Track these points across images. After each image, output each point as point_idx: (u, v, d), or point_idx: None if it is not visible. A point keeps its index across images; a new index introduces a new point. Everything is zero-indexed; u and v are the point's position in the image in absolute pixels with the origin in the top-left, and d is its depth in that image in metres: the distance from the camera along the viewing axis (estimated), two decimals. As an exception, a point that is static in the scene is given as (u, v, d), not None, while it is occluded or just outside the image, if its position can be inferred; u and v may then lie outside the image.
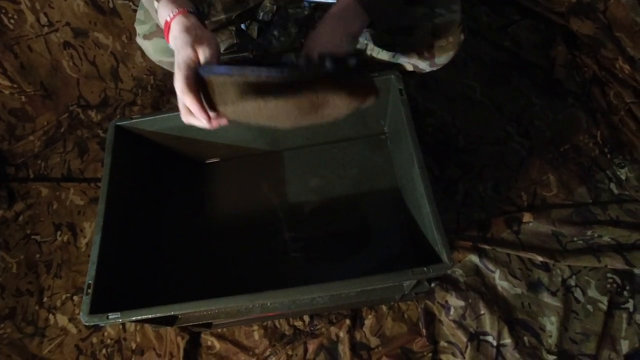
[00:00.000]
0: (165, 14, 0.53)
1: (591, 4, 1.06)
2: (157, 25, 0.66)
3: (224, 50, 0.74)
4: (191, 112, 0.50)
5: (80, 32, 1.10)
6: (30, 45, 1.08)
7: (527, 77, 1.09)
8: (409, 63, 0.70)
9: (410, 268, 0.54)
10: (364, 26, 0.57)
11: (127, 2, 1.08)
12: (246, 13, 0.76)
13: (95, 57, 1.14)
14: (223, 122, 0.53)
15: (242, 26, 1.07)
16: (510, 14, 1.18)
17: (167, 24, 0.52)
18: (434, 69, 0.70)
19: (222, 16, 0.71)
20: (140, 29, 0.68)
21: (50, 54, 1.11)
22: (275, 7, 1.29)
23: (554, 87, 1.06)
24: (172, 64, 0.68)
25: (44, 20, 1.06)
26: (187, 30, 0.51)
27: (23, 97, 1.13)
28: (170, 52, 0.63)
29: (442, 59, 0.68)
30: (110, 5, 1.08)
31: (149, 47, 0.69)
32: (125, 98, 1.20)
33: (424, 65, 0.70)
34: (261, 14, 1.29)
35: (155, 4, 0.54)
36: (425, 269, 0.54)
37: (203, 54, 0.50)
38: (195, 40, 0.50)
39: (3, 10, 1.01)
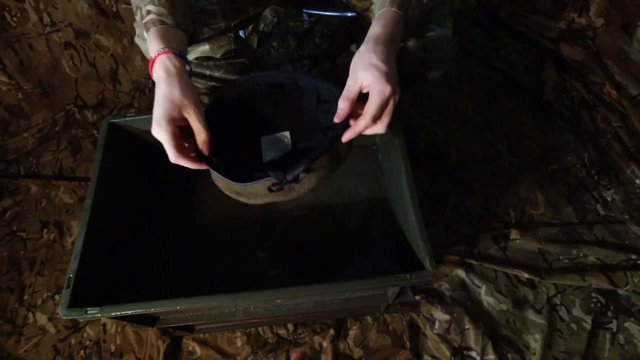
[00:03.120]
0: (153, 48, 0.53)
1: (581, 31, 1.10)
2: None
3: (220, 56, 0.76)
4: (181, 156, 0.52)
5: (82, 33, 1.12)
6: (31, 44, 1.09)
7: (518, 98, 1.11)
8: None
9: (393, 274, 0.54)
10: None
11: (130, 6, 1.10)
12: (245, 21, 0.77)
13: (95, 58, 1.16)
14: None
15: (241, 33, 1.09)
16: (503, 37, 1.22)
17: (152, 60, 0.52)
18: (427, 81, 0.72)
19: (222, 24, 0.72)
20: (139, 30, 0.70)
21: (50, 53, 1.12)
22: (275, 19, 1.33)
23: (544, 108, 1.09)
24: None
25: (46, 19, 1.07)
26: (170, 77, 0.51)
27: (20, 94, 1.13)
28: None
29: (433, 73, 0.69)
30: (114, 9, 1.11)
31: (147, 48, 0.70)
32: (123, 100, 1.21)
33: (417, 78, 0.72)
34: (262, 25, 1.33)
35: (145, 34, 0.54)
36: (408, 275, 0.54)
37: (195, 118, 0.51)
38: (182, 101, 0.50)
39: (7, 8, 1.03)
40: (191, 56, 0.71)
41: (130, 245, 0.77)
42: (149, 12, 0.55)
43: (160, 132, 0.49)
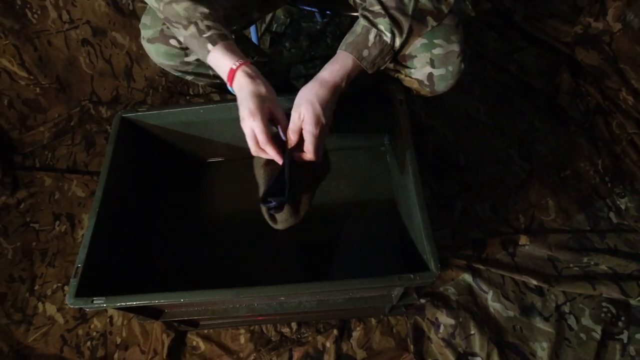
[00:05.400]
0: (226, 61, 0.60)
1: (597, 35, 1.08)
2: (161, 32, 0.70)
3: None
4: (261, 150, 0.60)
5: (99, 30, 1.14)
6: (50, 40, 1.12)
7: (530, 102, 1.10)
8: (411, 88, 0.72)
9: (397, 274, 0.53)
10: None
11: (146, 5, 1.12)
12: (248, 24, 0.78)
13: (111, 55, 1.18)
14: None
15: (253, 33, 1.10)
16: (518, 40, 1.21)
17: (233, 71, 0.59)
18: (435, 95, 0.72)
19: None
20: (144, 32, 0.72)
21: (68, 50, 1.14)
22: (288, 20, 1.34)
23: (557, 113, 1.07)
24: (171, 67, 0.74)
25: (65, 17, 1.10)
26: (253, 80, 0.59)
27: (38, 89, 1.16)
28: (169, 57, 0.72)
29: (441, 87, 0.69)
30: (130, 7, 1.13)
31: (152, 50, 0.73)
32: (136, 97, 1.23)
33: (424, 92, 0.71)
34: (274, 25, 1.34)
35: (209, 46, 0.60)
36: (412, 275, 0.53)
37: (277, 111, 0.60)
38: (268, 96, 0.59)
39: (28, 5, 1.05)
40: (191, 57, 0.73)
41: (138, 238, 0.78)
42: (209, 27, 0.60)
43: (254, 121, 0.57)
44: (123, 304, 0.57)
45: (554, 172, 0.99)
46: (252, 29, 1.09)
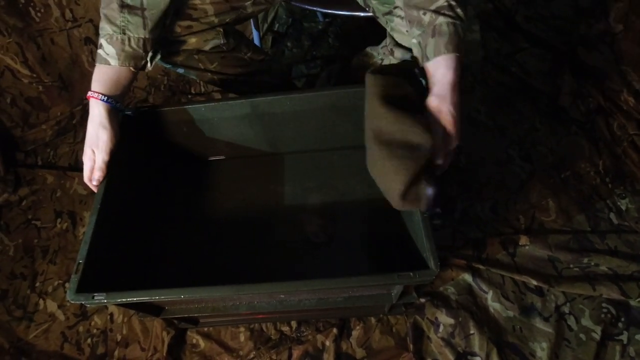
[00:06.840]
0: (92, 84, 0.65)
1: (599, 36, 1.08)
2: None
3: (209, 49, 0.77)
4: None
5: (102, 29, 1.14)
6: (53, 38, 1.12)
7: (532, 103, 1.10)
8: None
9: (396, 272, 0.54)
10: None
11: (149, 4, 1.12)
12: (243, 18, 0.78)
13: (114, 54, 1.19)
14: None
15: (255, 34, 1.11)
16: (519, 41, 1.21)
17: (88, 97, 0.66)
18: None
19: (214, 19, 0.73)
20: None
21: (71, 48, 1.15)
22: (290, 19, 1.35)
23: (558, 114, 1.07)
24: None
25: (68, 15, 1.11)
26: (92, 121, 0.66)
27: (40, 87, 1.17)
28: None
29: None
30: (133, 6, 1.13)
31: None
32: (138, 96, 1.23)
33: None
34: (276, 25, 1.34)
35: (99, 54, 0.64)
36: (411, 274, 0.54)
37: (99, 157, 0.67)
38: (95, 142, 0.66)
39: (31, 3, 1.06)
40: (179, 47, 0.74)
41: (138, 236, 0.79)
42: (101, 45, 0.63)
43: (85, 164, 0.68)
44: (124, 299, 0.57)
45: (555, 173, 0.99)
46: (254, 29, 1.10)
